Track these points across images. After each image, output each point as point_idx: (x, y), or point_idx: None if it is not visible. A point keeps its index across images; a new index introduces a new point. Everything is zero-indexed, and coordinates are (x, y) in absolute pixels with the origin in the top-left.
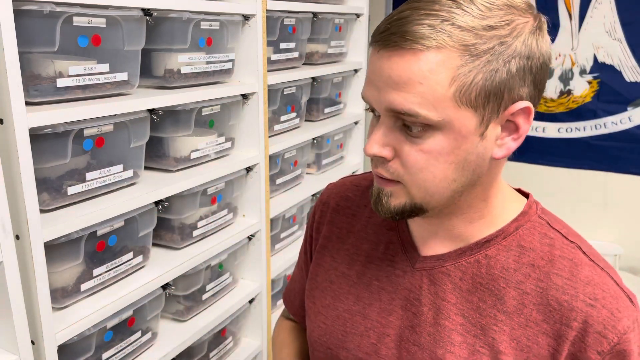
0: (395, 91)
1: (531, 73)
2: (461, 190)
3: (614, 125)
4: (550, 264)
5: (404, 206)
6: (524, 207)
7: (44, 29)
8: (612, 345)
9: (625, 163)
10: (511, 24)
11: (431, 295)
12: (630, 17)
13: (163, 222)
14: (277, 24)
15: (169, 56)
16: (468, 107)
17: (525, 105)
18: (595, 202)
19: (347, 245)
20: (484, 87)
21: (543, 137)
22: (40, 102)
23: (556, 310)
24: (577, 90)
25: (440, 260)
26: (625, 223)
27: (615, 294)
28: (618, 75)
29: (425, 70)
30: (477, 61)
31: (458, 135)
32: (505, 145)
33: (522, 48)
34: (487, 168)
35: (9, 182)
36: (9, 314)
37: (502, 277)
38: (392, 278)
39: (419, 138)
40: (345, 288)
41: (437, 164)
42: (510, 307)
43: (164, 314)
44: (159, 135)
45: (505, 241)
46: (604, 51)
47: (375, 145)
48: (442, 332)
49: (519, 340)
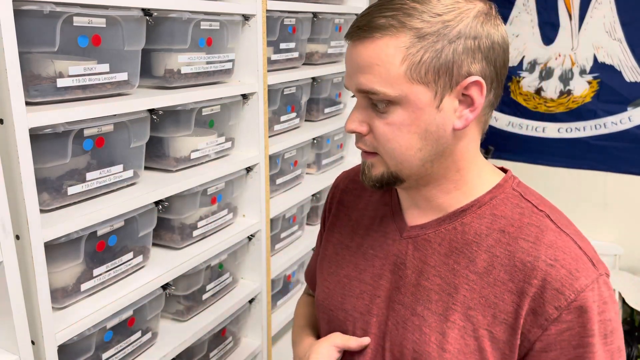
0: (361, 74)
1: (480, 51)
2: (430, 160)
3: (614, 125)
4: (518, 230)
5: (382, 175)
6: (500, 181)
7: (44, 29)
8: (568, 301)
9: (625, 163)
10: (456, 10)
11: (415, 260)
12: (630, 17)
13: (163, 222)
14: (277, 24)
15: (169, 56)
16: (420, 83)
17: (475, 79)
18: (595, 202)
19: (351, 221)
20: (431, 64)
21: (543, 137)
22: (41, 102)
23: (520, 270)
24: (577, 90)
25: (423, 229)
26: (625, 223)
27: (576, 256)
28: (618, 75)
29: (381, 54)
30: (424, 42)
31: (415, 108)
32: (463, 116)
33: (466, 30)
34: (451, 139)
35: (9, 182)
36: (9, 314)
37: (475, 242)
38: (383, 246)
39: (384, 113)
40: (347, 257)
41: (401, 135)
42: (481, 268)
43: (164, 314)
44: (159, 135)
45: (480, 210)
46: (604, 51)
47: (352, 122)
48: (422, 291)
49: (487, 297)
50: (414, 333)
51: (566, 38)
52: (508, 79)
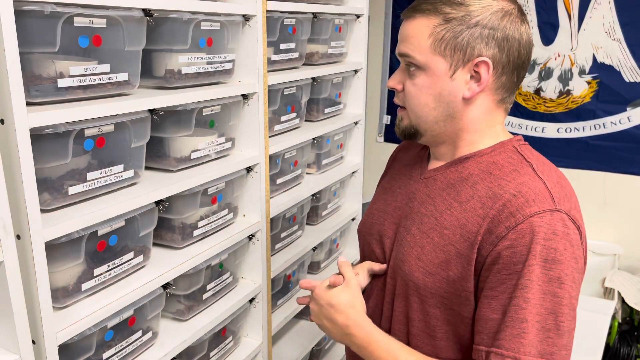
0: (404, 42)
1: (494, 40)
2: (442, 119)
3: (613, 126)
4: (502, 172)
5: (407, 126)
6: (505, 140)
7: (44, 30)
8: (517, 222)
9: (624, 163)
10: (481, 4)
11: (422, 194)
12: (629, 17)
13: (163, 222)
14: (277, 25)
15: (169, 56)
16: (439, 55)
17: (483, 59)
18: (594, 202)
19: (395, 170)
20: (450, 42)
21: (542, 137)
22: (41, 102)
23: (489, 199)
24: (577, 91)
25: (434, 171)
26: (625, 223)
27: (540, 192)
28: (617, 75)
29: (417, 29)
30: (448, 24)
31: (433, 74)
32: (471, 89)
33: (484, 21)
34: (460, 105)
35: (9, 182)
36: (10, 314)
37: (465, 179)
38: (406, 186)
39: (413, 75)
40: (382, 195)
41: (421, 94)
42: (463, 198)
43: (165, 313)
44: (159, 135)
45: (480, 158)
46: (603, 51)
47: (392, 80)
48: (419, 216)
49: (460, 220)
50: (404, 247)
51: (565, 38)
52: None
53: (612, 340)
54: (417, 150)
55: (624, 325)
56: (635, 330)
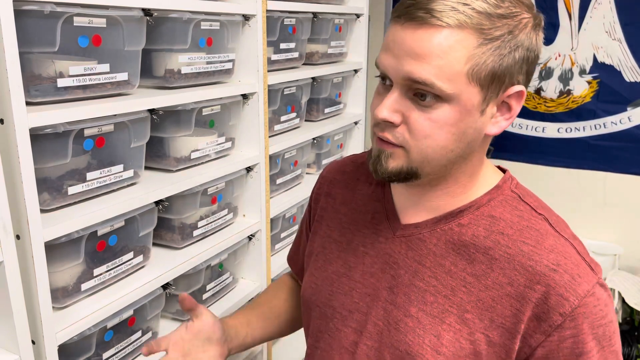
0: (415, 61)
1: (528, 63)
2: (454, 161)
3: (613, 125)
4: (518, 232)
5: (400, 168)
6: (498, 182)
7: (44, 29)
8: (573, 307)
9: (624, 163)
10: (518, 16)
11: (408, 259)
12: (630, 17)
13: (163, 222)
14: (277, 24)
15: (169, 56)
16: (476, 85)
17: (521, 89)
18: (595, 202)
19: (340, 214)
20: (492, 69)
21: (543, 137)
22: (41, 102)
23: (521, 275)
24: (577, 91)
25: (417, 228)
26: (625, 223)
27: (577, 261)
28: (618, 75)
29: (446, 46)
30: (490, 45)
31: (463, 108)
32: (498, 123)
33: (525, 40)
34: (479, 144)
35: (9, 182)
36: (10, 314)
37: (473, 244)
38: (375, 244)
39: (429, 107)
40: (336, 253)
41: (441, 133)
42: (479, 270)
43: (165, 313)
44: (159, 135)
45: (478, 211)
46: (604, 51)
47: (385, 110)
48: (416, 292)
49: (484, 301)
50: (407, 334)
51: (566, 38)
52: None
53: None
54: (361, 185)
55: (624, 325)
56: (635, 330)
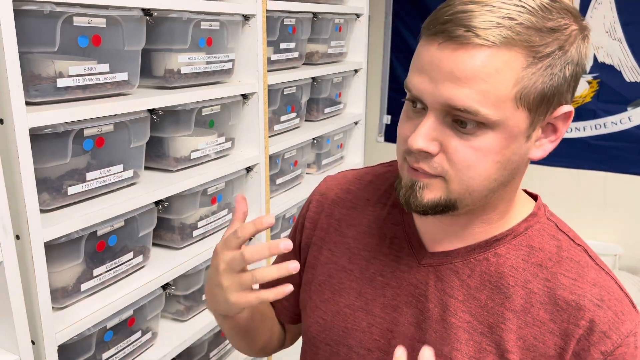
0: (456, 86)
1: (576, 79)
2: (496, 190)
3: (613, 125)
4: (557, 264)
5: (438, 201)
6: (533, 209)
7: (44, 29)
8: (615, 346)
9: (625, 163)
10: (568, 29)
11: (438, 292)
12: (630, 17)
13: (163, 222)
14: (277, 24)
15: (169, 56)
16: (525, 109)
17: (570, 109)
18: (595, 202)
19: (347, 238)
20: (542, 90)
21: None
22: (41, 102)
23: (563, 310)
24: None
25: (448, 257)
26: (625, 223)
27: (620, 297)
28: (618, 75)
29: (492, 68)
30: (540, 64)
31: (509, 135)
32: (542, 146)
33: (575, 55)
34: (522, 169)
35: (9, 182)
36: (9, 314)
37: (511, 276)
38: (396, 273)
39: (470, 135)
40: (347, 283)
41: (485, 162)
42: (518, 305)
43: (164, 313)
44: (159, 135)
45: (515, 240)
46: (604, 51)
47: (421, 139)
48: (448, 329)
49: (525, 339)
50: None
51: None
52: None
53: None
54: (373, 206)
55: None
56: None
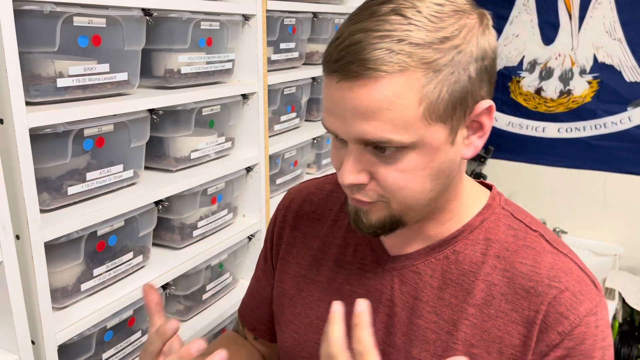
0: (364, 121)
1: (487, 72)
2: (437, 197)
3: (614, 125)
4: (515, 253)
5: (384, 220)
6: (487, 200)
7: (44, 29)
8: (572, 326)
9: (625, 163)
10: (463, 29)
11: (403, 295)
12: (630, 17)
13: (163, 222)
14: (277, 24)
15: (169, 56)
16: (438, 122)
17: (489, 104)
18: (595, 202)
19: (313, 250)
20: (450, 99)
21: (543, 137)
22: (41, 102)
23: (524, 298)
24: (577, 90)
25: (409, 259)
26: (625, 223)
27: (578, 278)
28: (618, 75)
29: (391, 96)
30: (440, 76)
31: (431, 149)
32: (472, 144)
33: (476, 51)
34: (457, 171)
35: (9, 182)
36: (9, 314)
37: (471, 271)
38: (362, 281)
39: (392, 159)
40: (316, 295)
41: (415, 180)
42: (479, 299)
43: (164, 313)
44: (159, 135)
45: (472, 235)
46: (604, 51)
47: (349, 175)
48: (416, 331)
49: (490, 331)
50: None
51: (566, 38)
52: (508, 79)
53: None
54: (335, 216)
55: (624, 325)
56: (635, 330)
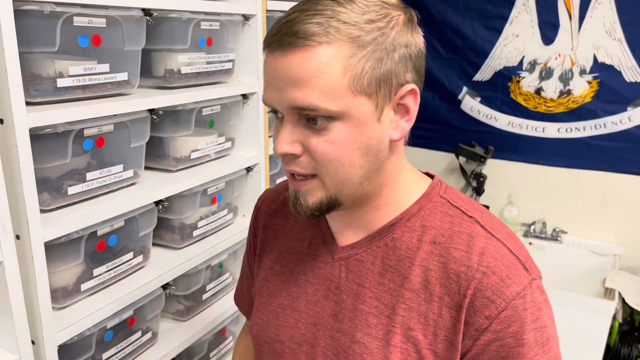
0: (295, 88)
1: (411, 59)
2: (368, 177)
3: (613, 125)
4: (450, 239)
5: (321, 201)
6: (426, 189)
7: (44, 29)
8: (499, 310)
9: (625, 163)
10: (387, 17)
11: (349, 282)
12: (630, 17)
13: (163, 222)
14: None
15: (169, 56)
16: (363, 95)
17: (412, 87)
18: (595, 202)
19: (280, 245)
20: (373, 74)
21: (543, 137)
22: (41, 102)
23: (455, 282)
24: (577, 90)
25: (354, 249)
26: (625, 223)
27: (508, 262)
28: (618, 75)
29: (320, 64)
30: (364, 51)
31: (358, 122)
32: (399, 127)
33: (400, 38)
34: (387, 152)
35: (9, 182)
36: (9, 314)
37: (408, 257)
38: (315, 271)
39: (323, 130)
40: (279, 285)
41: (344, 152)
42: (416, 284)
43: (164, 313)
44: (159, 135)
45: (409, 222)
46: (604, 51)
47: (283, 144)
48: (360, 316)
49: (426, 315)
50: None
51: (566, 38)
52: (508, 79)
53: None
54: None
55: (624, 325)
56: (635, 330)
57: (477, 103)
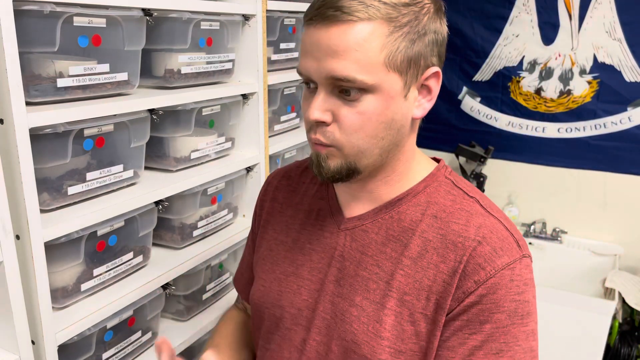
0: (335, 59)
1: (437, 45)
2: (388, 149)
3: (613, 125)
4: (450, 214)
5: (341, 166)
6: (433, 170)
7: (44, 29)
8: (487, 276)
9: (625, 163)
10: (421, 3)
11: (353, 251)
12: (630, 17)
13: (163, 222)
14: (277, 24)
15: (169, 56)
16: (395, 71)
17: (437, 70)
18: (595, 202)
19: (285, 217)
20: (406, 54)
21: (543, 137)
22: (41, 102)
23: (451, 251)
24: (577, 90)
25: (360, 220)
26: (625, 223)
27: (502, 237)
28: (618, 75)
29: (360, 39)
30: (400, 31)
31: (387, 96)
32: (422, 105)
33: (430, 24)
34: (408, 129)
35: (9, 182)
36: (9, 314)
37: (410, 228)
38: (321, 240)
39: (354, 101)
40: (282, 253)
41: (370, 123)
42: (415, 252)
43: (164, 313)
44: (159, 135)
45: (415, 199)
46: (604, 51)
47: (316, 111)
48: (360, 281)
49: (421, 281)
50: (352, 324)
51: (566, 38)
52: (508, 79)
53: (613, 341)
54: (306, 187)
55: (624, 325)
56: (635, 330)
57: (477, 103)
